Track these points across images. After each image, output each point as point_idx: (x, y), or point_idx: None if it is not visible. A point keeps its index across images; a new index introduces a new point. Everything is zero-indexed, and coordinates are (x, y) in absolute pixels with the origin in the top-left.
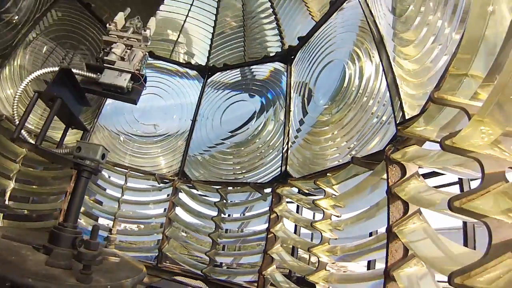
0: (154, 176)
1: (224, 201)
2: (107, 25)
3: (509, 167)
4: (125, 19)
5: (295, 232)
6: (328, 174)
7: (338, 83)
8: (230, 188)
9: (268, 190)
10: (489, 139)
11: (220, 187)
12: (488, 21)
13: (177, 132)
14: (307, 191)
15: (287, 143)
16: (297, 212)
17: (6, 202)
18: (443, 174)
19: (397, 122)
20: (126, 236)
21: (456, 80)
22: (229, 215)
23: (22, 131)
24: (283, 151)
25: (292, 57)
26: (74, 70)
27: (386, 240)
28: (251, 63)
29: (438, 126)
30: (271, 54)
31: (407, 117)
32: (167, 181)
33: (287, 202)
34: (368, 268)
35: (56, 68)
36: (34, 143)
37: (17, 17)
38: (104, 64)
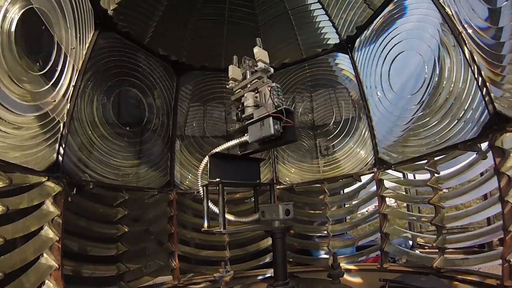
0: (352, 177)
1: (436, 175)
2: (227, 85)
3: None
4: (238, 67)
5: None
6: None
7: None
8: (438, 158)
9: (484, 144)
10: None
11: (426, 161)
12: None
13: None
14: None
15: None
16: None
17: None
18: None
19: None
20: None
21: None
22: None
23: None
24: (483, 93)
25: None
26: (219, 149)
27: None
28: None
29: None
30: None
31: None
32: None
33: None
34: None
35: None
36: (221, 231)
37: None
38: (246, 123)
